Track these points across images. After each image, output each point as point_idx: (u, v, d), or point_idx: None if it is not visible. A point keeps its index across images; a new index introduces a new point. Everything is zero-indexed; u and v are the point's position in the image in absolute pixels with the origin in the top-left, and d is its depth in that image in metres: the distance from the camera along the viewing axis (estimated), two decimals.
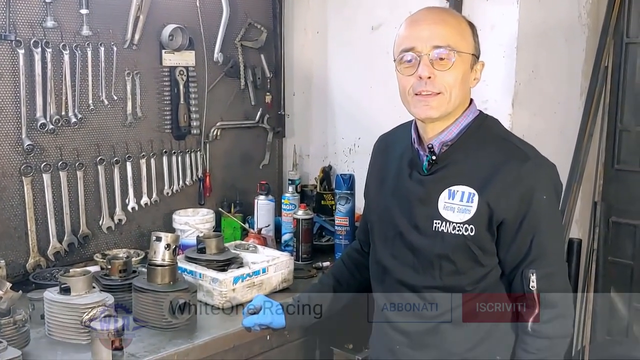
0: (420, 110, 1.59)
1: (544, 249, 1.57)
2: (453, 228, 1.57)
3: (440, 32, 1.56)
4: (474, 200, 1.55)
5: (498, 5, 2.47)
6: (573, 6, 2.75)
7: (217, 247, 2.22)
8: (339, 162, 3.09)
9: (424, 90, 1.56)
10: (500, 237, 1.58)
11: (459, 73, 1.57)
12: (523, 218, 1.54)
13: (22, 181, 2.28)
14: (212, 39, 2.78)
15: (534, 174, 1.56)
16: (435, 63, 1.55)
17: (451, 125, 1.63)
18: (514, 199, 1.54)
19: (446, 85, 1.56)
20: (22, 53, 2.21)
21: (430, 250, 1.61)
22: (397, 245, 1.69)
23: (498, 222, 1.55)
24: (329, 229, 2.76)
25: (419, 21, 1.62)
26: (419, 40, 1.57)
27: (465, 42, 1.59)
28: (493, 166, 1.56)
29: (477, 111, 1.68)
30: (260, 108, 3.02)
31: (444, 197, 1.59)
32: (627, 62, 2.91)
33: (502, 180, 1.54)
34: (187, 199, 2.79)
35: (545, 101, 2.67)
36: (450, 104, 1.58)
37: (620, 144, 2.98)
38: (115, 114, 2.51)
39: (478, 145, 1.62)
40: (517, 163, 1.56)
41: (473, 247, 1.57)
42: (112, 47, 2.44)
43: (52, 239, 2.36)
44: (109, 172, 2.51)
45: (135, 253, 2.45)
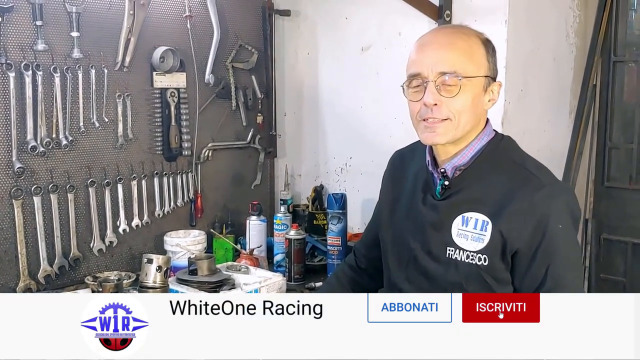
0: (426, 136, 1.55)
1: (560, 279, 1.51)
2: (467, 257, 1.53)
3: (447, 57, 1.51)
4: (488, 228, 1.51)
5: (486, 25, 2.47)
6: (561, 26, 2.79)
7: (209, 269, 2.21)
8: (330, 182, 3.09)
9: (430, 117, 1.52)
10: (514, 266, 1.53)
11: (467, 98, 1.51)
12: (537, 248, 1.49)
13: (13, 204, 2.27)
14: (203, 61, 2.79)
15: (549, 202, 1.50)
16: (441, 89, 1.50)
17: (464, 149, 1.58)
18: (527, 228, 1.49)
19: (454, 111, 1.51)
20: (12, 76, 2.21)
21: (444, 278, 1.57)
22: (411, 269, 1.66)
23: (512, 251, 1.51)
24: (321, 249, 2.76)
25: (426, 45, 1.56)
26: (424, 66, 1.51)
27: (474, 65, 1.52)
28: (507, 194, 1.51)
29: (493, 132, 1.63)
30: (251, 129, 3.02)
31: (457, 223, 1.55)
32: (615, 80, 2.94)
33: (516, 209, 1.49)
34: (178, 220, 2.79)
35: (534, 120, 2.69)
36: (459, 129, 1.53)
37: (609, 162, 3.00)
38: (106, 136, 2.51)
39: (492, 170, 1.57)
40: (531, 191, 1.50)
41: (486, 277, 1.53)
42: (103, 70, 2.44)
43: (43, 262, 2.35)
44: (100, 194, 2.50)
45: (126, 275, 2.43)
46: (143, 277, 1.96)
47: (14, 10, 2.20)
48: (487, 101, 1.58)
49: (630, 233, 2.94)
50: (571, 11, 2.82)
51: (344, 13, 2.94)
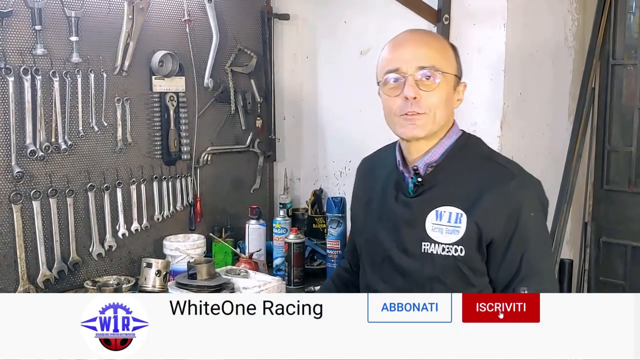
0: (407, 129, 1.59)
1: (535, 266, 1.57)
2: (442, 249, 1.57)
3: (425, 53, 1.58)
4: (462, 220, 1.56)
5: (485, 29, 2.50)
6: (559, 29, 2.79)
7: (208, 273, 2.20)
8: (330, 185, 3.09)
9: (410, 111, 1.57)
10: (490, 256, 1.58)
11: (443, 93, 1.58)
12: (512, 236, 1.55)
13: (12, 208, 2.27)
14: (202, 65, 2.79)
15: (521, 192, 1.56)
16: (420, 83, 1.56)
17: (435, 146, 1.64)
18: (501, 217, 1.54)
19: (431, 105, 1.57)
20: (11, 80, 2.21)
21: (421, 273, 1.61)
22: (386, 269, 1.69)
23: (487, 241, 1.56)
24: (320, 253, 2.76)
25: (403, 43, 1.63)
26: (403, 62, 1.58)
27: (448, 63, 1.61)
28: (480, 186, 1.57)
29: (460, 131, 1.69)
30: (250, 132, 3.03)
31: (431, 218, 1.59)
32: (613, 83, 2.94)
33: (489, 200, 1.55)
34: (177, 224, 2.79)
35: (533, 123, 2.70)
36: (435, 123, 1.59)
37: (609, 165, 3.00)
38: (106, 140, 2.51)
39: (463, 166, 1.62)
40: (504, 182, 1.56)
41: (464, 267, 1.57)
42: (102, 74, 2.45)
43: (42, 267, 2.35)
44: (99, 198, 2.50)
45: (125, 280, 2.42)
46: (142, 281, 1.96)
47: (13, 14, 2.20)
48: (456, 100, 1.66)
49: (629, 236, 2.94)
50: (570, 14, 2.83)
51: (343, 17, 2.95)
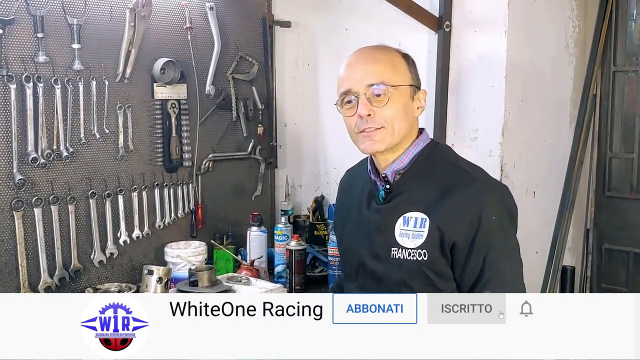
0: (367, 145, 1.64)
1: (498, 268, 1.57)
2: (408, 254, 1.59)
3: (373, 70, 1.61)
4: (425, 225, 1.58)
5: (486, 36, 2.50)
6: (560, 36, 2.79)
7: (210, 280, 2.21)
8: (331, 192, 3.09)
9: (366, 127, 1.61)
10: (453, 260, 1.59)
11: (398, 106, 1.61)
12: (473, 239, 1.55)
13: (13, 216, 2.27)
14: (204, 72, 2.79)
15: (482, 195, 1.57)
16: (372, 100, 1.59)
17: (402, 154, 1.67)
18: (463, 221, 1.56)
19: (386, 119, 1.60)
20: (13, 88, 2.22)
21: (390, 278, 1.63)
22: (361, 276, 1.72)
23: (450, 244, 1.57)
24: (322, 260, 2.75)
25: (352, 63, 1.66)
26: (354, 82, 1.61)
27: (398, 75, 1.63)
28: (442, 190, 1.59)
29: (429, 139, 1.72)
30: (252, 139, 3.03)
31: (399, 224, 1.62)
32: (615, 90, 2.94)
33: (451, 203, 1.57)
34: (179, 231, 2.79)
35: (535, 130, 2.70)
36: (395, 135, 1.62)
37: (610, 171, 3.00)
38: (107, 147, 2.52)
39: (429, 172, 1.65)
40: (465, 186, 1.58)
41: (428, 271, 1.58)
42: (103, 81, 2.45)
43: (43, 274, 2.35)
44: (100, 205, 2.50)
45: (127, 287, 2.43)
46: (144, 288, 1.96)
47: (15, 22, 2.21)
48: (416, 108, 1.68)
49: (631, 243, 2.94)
50: (570, 21, 2.83)
51: (344, 24, 2.96)
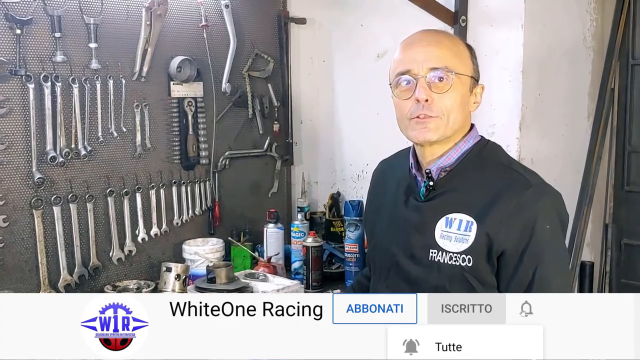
0: (418, 133, 1.52)
1: (548, 283, 1.46)
2: (450, 258, 1.49)
3: (437, 53, 1.50)
4: (472, 229, 1.47)
5: (503, 30, 2.48)
6: (577, 29, 2.77)
7: (227, 277, 2.22)
8: (347, 189, 3.09)
9: (421, 114, 1.50)
10: (500, 269, 1.48)
11: (457, 96, 1.50)
12: (525, 249, 1.45)
13: (33, 214, 2.29)
14: (220, 70, 2.80)
15: (537, 202, 1.46)
16: (432, 85, 1.49)
17: (450, 150, 1.56)
18: (515, 228, 1.45)
19: (444, 108, 1.49)
20: (32, 87, 2.24)
21: (427, 282, 1.52)
22: (392, 276, 1.62)
23: (498, 252, 1.47)
24: (338, 256, 2.75)
25: (414, 43, 1.54)
26: (414, 63, 1.50)
27: (462, 64, 1.53)
28: (493, 194, 1.48)
29: (479, 136, 1.61)
30: (268, 137, 3.03)
31: (441, 225, 1.51)
32: (633, 83, 2.90)
33: (503, 209, 1.45)
34: (196, 228, 2.80)
35: (552, 124, 2.68)
36: (449, 127, 1.51)
37: (629, 166, 2.96)
38: (125, 145, 2.53)
39: (478, 172, 1.54)
40: (519, 191, 1.47)
41: (470, 278, 1.48)
42: (120, 80, 2.47)
43: (63, 272, 2.37)
44: (118, 203, 2.52)
45: (145, 284, 2.44)
46: (162, 285, 1.97)
47: (33, 22, 2.23)
48: (473, 103, 1.58)
49: None
50: (588, 14, 2.81)
51: (359, 20, 2.95)
